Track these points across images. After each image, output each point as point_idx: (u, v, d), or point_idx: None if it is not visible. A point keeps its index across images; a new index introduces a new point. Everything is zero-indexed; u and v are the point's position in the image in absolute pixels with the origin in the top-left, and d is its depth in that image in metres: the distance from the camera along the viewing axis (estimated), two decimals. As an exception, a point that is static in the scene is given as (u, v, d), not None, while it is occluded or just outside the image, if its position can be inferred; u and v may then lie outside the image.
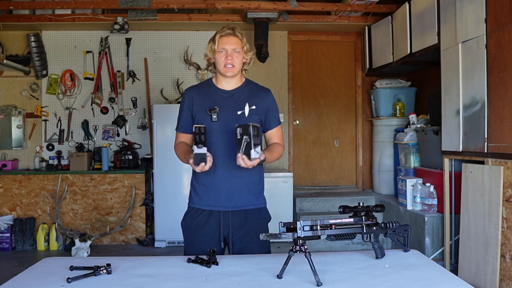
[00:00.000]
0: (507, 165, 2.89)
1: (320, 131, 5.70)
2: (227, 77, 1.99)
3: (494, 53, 2.99)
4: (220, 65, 1.96)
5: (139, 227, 4.94)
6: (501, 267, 2.91)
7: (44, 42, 5.20)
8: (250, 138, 1.72)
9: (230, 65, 1.94)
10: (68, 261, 1.65)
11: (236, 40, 1.95)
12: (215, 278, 1.47)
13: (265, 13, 4.83)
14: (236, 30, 1.97)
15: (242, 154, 1.75)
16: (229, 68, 1.95)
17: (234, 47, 1.94)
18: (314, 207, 5.04)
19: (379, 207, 1.66)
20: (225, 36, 1.95)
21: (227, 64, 1.94)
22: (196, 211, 1.98)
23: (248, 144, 1.73)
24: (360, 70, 5.66)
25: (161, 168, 4.75)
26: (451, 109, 3.51)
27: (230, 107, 1.97)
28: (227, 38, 1.94)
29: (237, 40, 1.95)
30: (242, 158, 1.75)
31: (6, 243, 4.74)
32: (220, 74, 2.01)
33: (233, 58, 1.94)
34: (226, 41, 1.94)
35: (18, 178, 4.88)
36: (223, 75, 1.99)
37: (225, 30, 1.96)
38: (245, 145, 1.74)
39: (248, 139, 1.73)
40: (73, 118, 5.28)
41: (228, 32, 1.95)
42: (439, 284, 1.41)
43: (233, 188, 1.94)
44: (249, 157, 1.74)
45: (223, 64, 1.95)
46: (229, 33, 1.95)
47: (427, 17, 3.88)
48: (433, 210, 3.85)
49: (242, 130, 1.74)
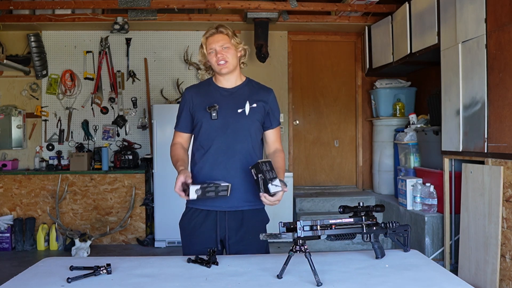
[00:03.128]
0: (507, 165, 2.89)
1: (320, 131, 5.70)
2: (225, 74, 1.98)
3: (494, 53, 2.99)
4: (214, 65, 1.97)
5: (139, 227, 4.94)
6: (501, 267, 2.91)
7: (44, 42, 5.20)
8: (264, 175, 1.73)
9: (222, 61, 1.94)
10: (68, 261, 1.64)
11: (221, 36, 1.95)
12: (215, 278, 1.47)
13: (265, 13, 4.83)
14: (220, 28, 1.97)
15: (264, 192, 1.75)
16: (222, 65, 1.94)
17: (221, 44, 1.94)
18: (314, 207, 5.04)
19: (379, 207, 1.66)
20: (210, 36, 1.96)
21: (219, 61, 1.94)
22: (193, 212, 1.97)
23: (264, 181, 1.73)
24: (360, 70, 5.66)
25: (161, 168, 4.75)
26: (451, 109, 3.51)
27: (230, 105, 1.96)
28: (212, 37, 1.95)
29: (223, 36, 1.95)
30: (264, 196, 1.75)
31: (6, 243, 4.74)
32: (218, 74, 2.01)
33: (224, 54, 1.94)
34: (212, 40, 1.95)
35: (18, 178, 4.88)
36: (220, 74, 1.99)
37: (209, 31, 1.97)
38: (263, 183, 1.74)
39: (262, 176, 1.73)
40: (73, 118, 5.28)
41: (212, 32, 1.96)
42: (439, 284, 1.41)
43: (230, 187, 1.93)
44: (269, 193, 1.74)
45: (216, 63, 1.95)
46: (213, 33, 1.96)
47: (427, 17, 3.88)
48: (433, 210, 3.85)
49: (256, 170, 1.75)
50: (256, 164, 1.74)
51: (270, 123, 2.06)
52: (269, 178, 1.72)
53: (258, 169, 1.74)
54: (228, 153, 1.92)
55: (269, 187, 1.72)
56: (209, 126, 1.93)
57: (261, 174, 1.73)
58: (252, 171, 1.76)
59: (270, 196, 1.74)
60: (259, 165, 1.73)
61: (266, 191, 1.73)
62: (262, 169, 1.73)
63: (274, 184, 1.73)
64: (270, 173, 1.74)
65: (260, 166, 1.73)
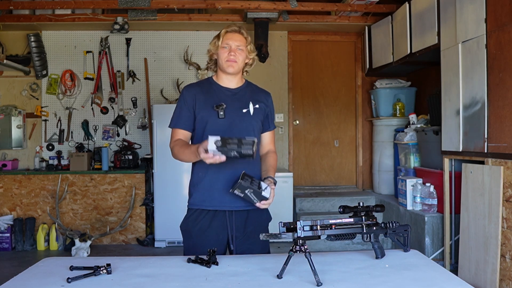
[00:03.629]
0: (507, 165, 2.89)
1: (320, 131, 5.70)
2: (228, 73, 1.97)
3: (494, 53, 2.99)
4: (222, 60, 1.95)
5: (139, 227, 4.94)
6: (501, 267, 2.91)
7: (44, 42, 5.20)
8: (251, 188, 1.74)
9: (233, 60, 1.93)
10: (68, 261, 1.64)
11: (241, 37, 1.96)
12: (215, 278, 1.47)
13: (265, 13, 4.83)
14: (242, 29, 1.98)
15: (259, 202, 1.79)
16: (231, 63, 1.93)
17: (238, 44, 1.94)
18: (314, 207, 5.04)
19: (379, 207, 1.66)
20: (231, 32, 1.96)
21: (229, 59, 1.93)
22: (199, 214, 1.93)
23: (255, 192, 1.75)
24: (360, 70, 5.66)
25: (161, 168, 4.75)
26: (451, 109, 3.51)
27: (235, 105, 1.96)
28: (232, 34, 1.95)
29: (242, 38, 1.96)
30: (261, 204, 1.80)
31: (6, 243, 4.74)
32: (221, 71, 1.99)
33: (236, 54, 1.94)
34: (231, 37, 1.95)
35: (18, 178, 4.88)
36: (224, 71, 1.98)
37: (231, 27, 1.97)
38: (255, 195, 1.76)
39: (251, 189, 1.74)
40: (73, 118, 5.28)
41: (234, 29, 1.97)
42: (439, 284, 1.41)
43: None
44: (265, 199, 1.78)
45: (226, 59, 1.94)
46: (235, 30, 1.96)
47: (427, 17, 3.88)
48: (433, 210, 3.85)
49: (240, 190, 1.74)
50: (237, 184, 1.73)
51: (268, 125, 2.07)
52: (258, 187, 1.76)
53: (242, 187, 1.74)
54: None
55: (264, 195, 1.77)
56: (215, 125, 1.91)
57: (248, 189, 1.74)
58: (236, 192, 1.75)
59: (265, 200, 1.80)
60: (241, 183, 1.73)
61: (262, 199, 1.78)
62: (246, 185, 1.74)
63: (266, 191, 1.78)
64: (255, 183, 1.77)
65: (243, 184, 1.73)
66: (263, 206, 1.81)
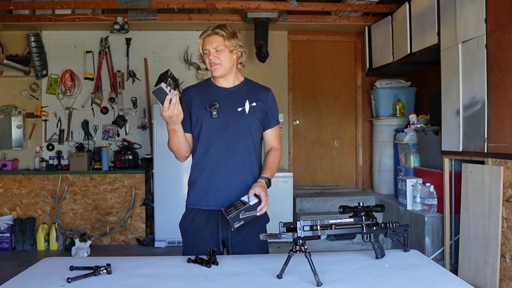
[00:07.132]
0: (507, 165, 2.89)
1: (320, 131, 5.70)
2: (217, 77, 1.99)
3: (494, 53, 2.99)
4: (208, 66, 1.97)
5: (139, 227, 4.94)
6: (501, 267, 2.91)
7: (44, 42, 5.20)
8: (240, 210, 1.73)
9: (214, 64, 1.93)
10: (68, 261, 1.64)
11: (216, 38, 1.93)
12: (215, 278, 1.47)
13: (265, 13, 4.83)
14: (216, 29, 1.95)
15: (257, 211, 1.77)
16: (214, 67, 1.94)
17: (215, 46, 1.93)
18: (314, 207, 5.04)
19: (379, 207, 1.66)
20: (206, 37, 1.95)
21: (211, 63, 1.94)
22: (196, 213, 1.95)
23: (247, 209, 1.74)
24: (360, 70, 5.66)
25: (161, 168, 4.75)
26: (451, 109, 3.51)
27: (230, 104, 1.96)
28: (208, 38, 1.94)
29: (218, 38, 1.93)
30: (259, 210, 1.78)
31: (6, 243, 4.74)
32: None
33: (216, 56, 1.93)
34: (207, 41, 1.94)
35: (18, 178, 4.88)
36: (213, 75, 2.01)
37: (205, 32, 1.96)
38: (248, 211, 1.75)
39: (242, 212, 1.73)
40: (73, 118, 5.28)
41: (208, 33, 1.95)
42: (439, 284, 1.41)
43: (232, 186, 1.93)
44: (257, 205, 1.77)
45: (209, 65, 1.95)
46: (208, 34, 1.95)
47: (427, 17, 3.88)
48: (433, 210, 3.85)
49: (236, 221, 1.73)
50: (230, 221, 1.72)
51: (269, 123, 2.06)
52: (244, 204, 1.74)
53: (235, 219, 1.73)
54: (230, 151, 1.92)
55: (253, 204, 1.75)
56: (210, 125, 1.93)
57: (240, 214, 1.72)
58: (236, 226, 1.74)
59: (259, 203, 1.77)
60: (231, 218, 1.72)
61: (256, 206, 1.76)
62: (235, 214, 1.72)
63: (250, 199, 1.76)
64: (239, 205, 1.76)
65: (233, 216, 1.72)
66: (262, 211, 1.79)
